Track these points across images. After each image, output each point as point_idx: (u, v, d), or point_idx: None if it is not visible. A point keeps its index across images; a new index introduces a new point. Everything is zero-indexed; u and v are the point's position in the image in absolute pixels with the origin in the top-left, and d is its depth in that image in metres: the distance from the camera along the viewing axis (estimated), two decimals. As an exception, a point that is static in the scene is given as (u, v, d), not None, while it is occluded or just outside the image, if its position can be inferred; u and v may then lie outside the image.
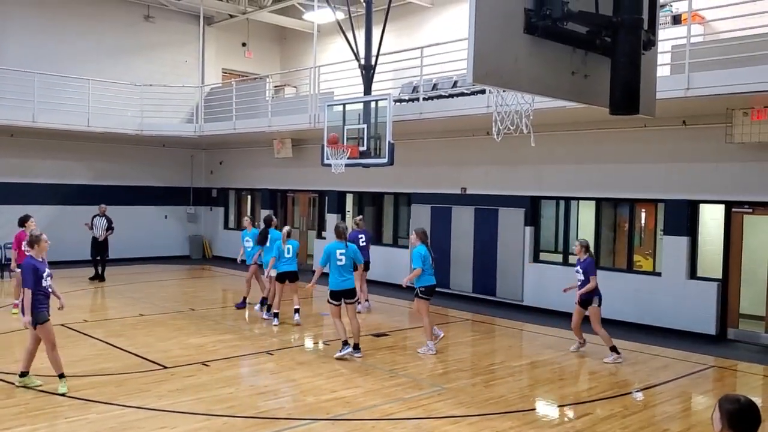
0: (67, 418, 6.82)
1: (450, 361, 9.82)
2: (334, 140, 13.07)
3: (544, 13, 4.16)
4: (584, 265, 9.84)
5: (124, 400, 7.44)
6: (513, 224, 13.99)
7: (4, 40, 18.29)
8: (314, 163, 16.24)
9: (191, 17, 21.44)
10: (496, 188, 14.37)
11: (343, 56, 16.45)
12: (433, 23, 18.11)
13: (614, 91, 4.36)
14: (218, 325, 11.77)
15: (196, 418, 6.96)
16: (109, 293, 15.01)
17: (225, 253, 21.89)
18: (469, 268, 14.67)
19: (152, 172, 21.39)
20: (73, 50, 19.28)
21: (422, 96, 13.81)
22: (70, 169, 19.68)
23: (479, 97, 12.40)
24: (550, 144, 12.96)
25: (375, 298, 14.71)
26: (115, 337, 10.54)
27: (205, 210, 22.84)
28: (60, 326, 11.14)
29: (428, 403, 7.62)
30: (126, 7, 20.42)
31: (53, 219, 19.12)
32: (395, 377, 8.63)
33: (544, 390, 8.55)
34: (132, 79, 19.73)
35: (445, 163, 15.41)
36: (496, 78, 3.91)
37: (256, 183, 21.01)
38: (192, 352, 9.71)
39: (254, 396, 7.72)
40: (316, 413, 7.18)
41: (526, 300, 13.80)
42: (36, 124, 17.33)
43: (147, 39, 20.93)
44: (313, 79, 16.12)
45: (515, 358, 10.33)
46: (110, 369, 8.73)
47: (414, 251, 9.97)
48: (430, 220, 15.53)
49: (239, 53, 22.85)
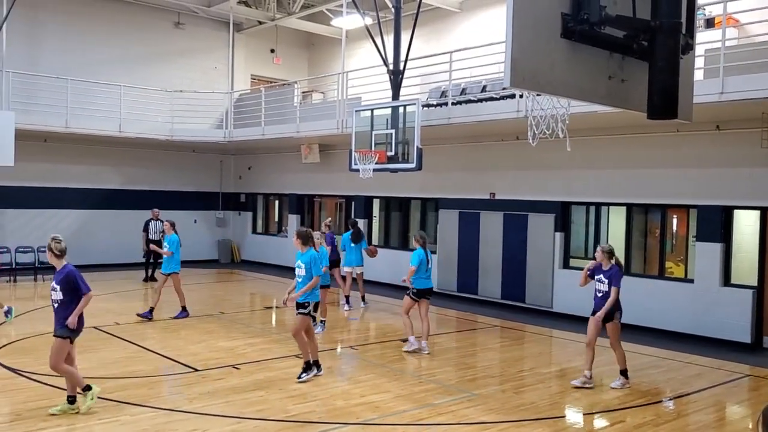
0: (100, 420, 6.91)
1: (479, 368, 9.78)
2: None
3: (582, 18, 4.12)
4: (609, 274, 8.73)
5: (156, 402, 7.52)
6: (543, 230, 13.89)
7: (39, 47, 18.65)
8: (341, 168, 16.31)
9: (221, 24, 21.69)
10: (525, 193, 14.28)
11: (371, 61, 16.52)
12: (462, 28, 18.09)
13: (652, 96, 4.31)
14: (248, 329, 11.85)
15: (227, 420, 7.01)
16: (139, 297, 15.19)
17: (253, 257, 22.07)
18: (498, 274, 14.59)
19: (182, 177, 21.65)
20: (105, 57, 19.60)
21: (451, 101, 13.78)
22: (101, 173, 19.99)
23: (509, 102, 12.35)
24: (581, 149, 12.85)
25: (402, 304, 14.68)
26: (147, 339, 10.67)
27: (234, 214, 23.03)
28: (92, 329, 11.33)
29: (458, 409, 7.59)
30: (157, 15, 20.72)
31: (84, 223, 19.48)
32: (424, 383, 8.61)
33: (574, 397, 8.46)
34: (163, 85, 20.00)
35: (473, 168, 15.36)
36: (533, 83, 3.89)
37: (283, 188, 21.14)
38: (222, 355, 9.79)
39: (284, 399, 7.75)
40: (346, 418, 7.19)
41: (556, 306, 13.68)
42: (69, 130, 17.65)
43: (177, 46, 21.21)
44: (340, 84, 16.19)
45: (545, 365, 10.25)
46: (142, 372, 8.83)
47: (413, 253, 10.38)
48: (458, 225, 15.48)
49: (268, 59, 23.05)
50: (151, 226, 17.40)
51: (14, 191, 18.23)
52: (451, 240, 15.64)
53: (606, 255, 8.74)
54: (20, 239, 18.04)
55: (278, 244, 21.10)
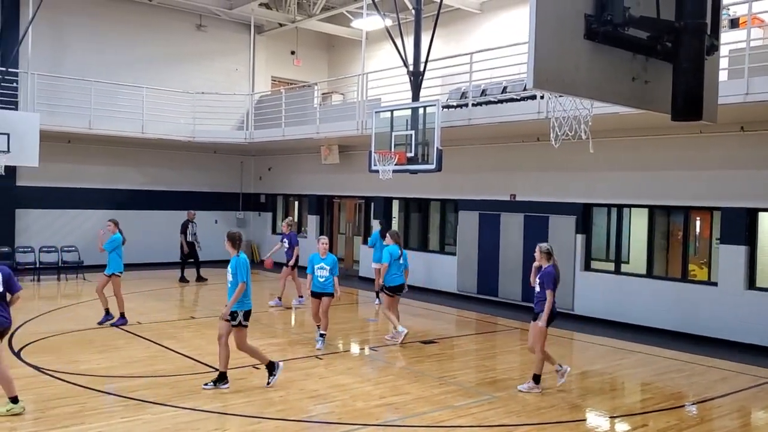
0: (123, 418, 6.97)
1: (499, 370, 9.74)
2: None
3: (605, 19, 4.09)
4: (541, 275, 8.27)
5: (177, 401, 7.57)
6: (564, 232, 13.80)
7: (63, 50, 18.90)
8: (361, 169, 16.34)
9: (242, 26, 21.83)
10: (546, 195, 14.20)
11: (391, 63, 16.52)
12: (482, 29, 18.04)
13: (676, 97, 4.25)
14: (268, 329, 11.91)
15: (247, 420, 7.05)
16: (160, 296, 15.32)
17: (273, 257, 22.13)
18: (518, 276, 14.51)
19: (203, 178, 21.82)
20: (128, 59, 19.82)
21: (471, 102, 13.75)
22: (124, 174, 20.21)
23: (529, 103, 12.29)
24: (603, 150, 12.74)
25: (422, 305, 14.71)
26: (168, 339, 10.76)
27: (254, 215, 23.16)
28: (115, 328, 11.47)
29: (479, 412, 7.56)
30: (179, 17, 20.91)
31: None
32: (444, 384, 8.59)
33: (595, 400, 8.40)
34: (185, 86, 20.18)
35: (493, 170, 15.31)
36: (556, 84, 3.86)
37: (303, 189, 21.22)
38: (243, 355, 9.78)
39: (305, 400, 7.78)
40: (366, 419, 7.19)
41: (577, 309, 13.58)
42: (92, 131, 17.86)
43: (199, 48, 21.38)
44: (360, 85, 16.22)
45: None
46: (164, 371, 8.91)
47: (385, 250, 11.13)
48: (478, 226, 15.43)
49: (288, 61, 23.16)
50: (189, 227, 17.65)
51: (38, 191, 18.48)
52: (471, 241, 15.59)
53: (544, 255, 8.35)
54: (44, 239, 18.29)
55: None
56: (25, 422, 6.89)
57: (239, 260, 8.22)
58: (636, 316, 12.63)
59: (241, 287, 8.07)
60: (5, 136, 14.42)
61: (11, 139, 14.50)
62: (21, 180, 18.15)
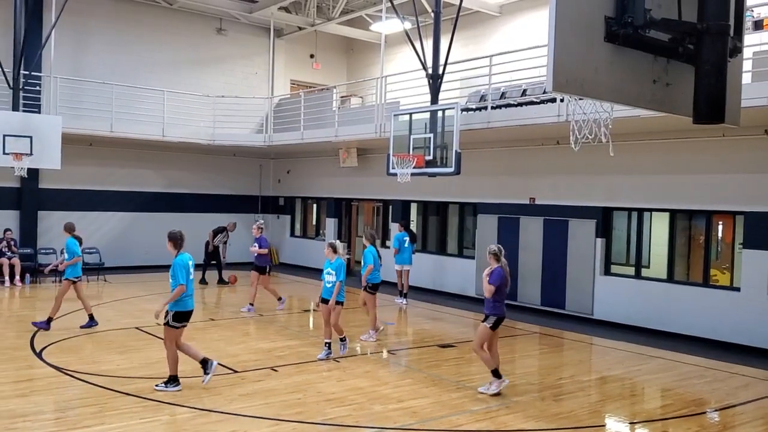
0: (141, 419, 7.02)
1: (518, 375, 9.66)
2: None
3: (626, 21, 4.06)
4: (490, 274, 8.33)
5: (196, 402, 7.61)
6: (583, 236, 13.69)
7: (84, 53, 19.13)
8: (379, 173, 16.34)
9: (262, 30, 21.95)
10: (566, 199, 14.10)
11: (410, 66, 16.52)
12: (502, 32, 17.98)
13: (698, 100, 4.21)
14: (286, 331, 11.94)
15: (265, 422, 7.07)
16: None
17: (291, 260, 22.25)
18: (538, 280, 14.43)
19: (223, 181, 21.95)
20: (149, 62, 20.02)
21: (490, 105, 13.70)
22: (145, 177, 20.39)
23: (549, 106, 12.22)
24: (624, 153, 12.62)
25: (440, 309, 14.68)
26: (188, 340, 10.73)
27: (273, 218, 23.26)
28: (134, 329, 11.57)
29: (497, 416, 7.52)
30: (199, 21, 21.08)
31: (128, 225, 19.88)
32: (462, 389, 8.55)
33: (615, 406, 8.31)
34: (205, 90, 20.33)
35: (512, 173, 15.23)
36: (576, 87, 3.84)
37: (321, 192, 21.27)
38: (261, 357, 9.88)
39: (322, 402, 7.78)
40: (383, 422, 7.18)
41: (597, 313, 13.46)
42: (113, 134, 18.04)
43: (219, 51, 21.53)
44: (379, 88, 16.23)
45: (585, 372, 10.10)
46: (183, 372, 8.91)
47: (365, 251, 11.32)
48: (497, 230, 15.36)
49: (307, 65, 23.25)
50: (221, 235, 18.09)
51: (60, 194, 18.71)
52: (490, 245, 15.49)
53: (492, 256, 8.45)
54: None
55: (316, 248, 21.21)
56: (47, 422, 6.97)
57: (177, 261, 8.10)
58: (656, 321, 12.49)
59: (179, 289, 7.94)
60: (28, 138, 14.61)
61: (34, 141, 14.68)
62: (44, 182, 18.38)
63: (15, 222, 17.94)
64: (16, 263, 16.39)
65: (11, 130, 14.48)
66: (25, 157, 14.60)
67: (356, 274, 19.67)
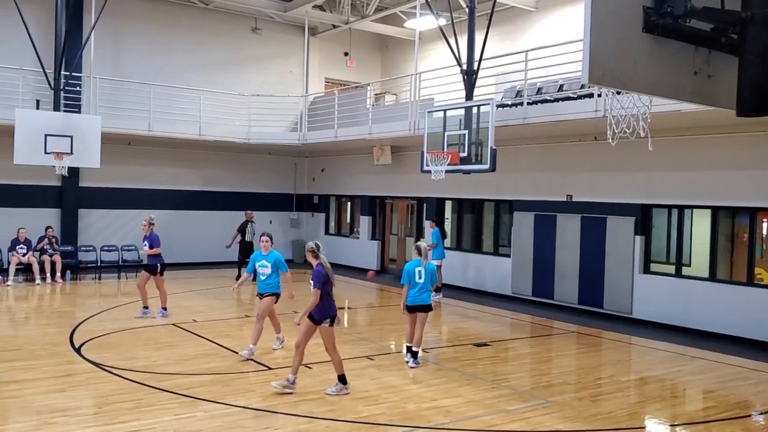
0: (176, 415, 7.08)
1: (554, 374, 9.52)
2: None
3: (665, 11, 3.92)
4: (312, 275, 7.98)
5: (230, 399, 7.65)
6: (622, 233, 13.42)
7: (123, 54, 19.44)
8: (413, 170, 16.26)
9: (296, 28, 22.05)
10: (604, 195, 13.84)
11: (444, 62, 16.40)
12: (538, 27, 17.73)
13: (742, 92, 4.05)
14: (319, 329, 11.92)
15: (298, 420, 7.07)
16: (215, 295, 15.57)
17: (326, 257, 22.24)
18: (575, 279, 14.19)
19: (258, 179, 22.12)
20: (186, 62, 20.26)
21: (526, 100, 13.51)
22: (182, 175, 20.65)
23: (587, 101, 12.00)
24: (664, 149, 12.33)
25: (476, 307, 14.55)
26: (222, 337, 10.91)
27: (307, 216, 23.35)
28: (171, 325, 11.71)
29: (532, 416, 7.40)
30: (235, 20, 21.25)
31: (166, 223, 20.12)
32: (497, 388, 8.44)
33: (655, 407, 8.11)
34: (240, 89, 20.50)
35: (549, 170, 15.01)
36: (613, 79, 3.72)
37: (355, 190, 21.28)
38: (292, 355, 9.87)
39: (355, 400, 7.75)
40: (416, 421, 7.12)
41: (636, 313, 13.19)
42: (151, 133, 18.31)
43: (254, 50, 21.69)
44: (413, 85, 16.15)
45: (624, 372, 9.88)
46: (217, 368, 9.02)
47: None
48: (533, 228, 15.17)
49: (341, 62, 23.27)
50: (248, 228, 17.87)
51: (100, 192, 19.06)
52: (526, 243, 15.33)
53: (310, 254, 8.23)
54: (105, 238, 18.85)
55: (350, 245, 21.26)
56: (85, 416, 7.08)
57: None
58: (698, 321, 12.18)
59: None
60: (69, 138, 14.89)
61: (74, 141, 14.96)
62: (84, 181, 18.74)
63: (56, 220, 18.33)
64: (57, 260, 16.74)
65: (52, 130, 14.77)
66: (65, 156, 14.88)
67: (392, 272, 19.67)
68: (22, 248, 16.36)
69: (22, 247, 16.38)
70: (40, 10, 16.92)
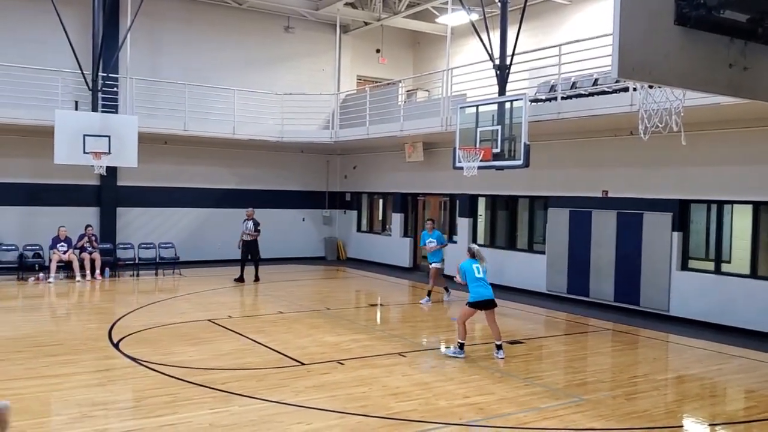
0: (211, 410, 7.18)
1: (589, 372, 9.42)
2: None
3: (698, 2, 3.85)
4: None
5: (264, 394, 7.74)
6: (659, 229, 13.19)
7: (158, 54, 19.75)
8: (445, 167, 16.19)
9: (328, 26, 22.14)
10: (640, 191, 13.62)
11: (476, 58, 16.31)
12: (572, 21, 17.52)
13: (780, 84, 3.96)
14: (353, 325, 12.01)
15: (331, 415, 7.11)
16: (250, 291, 15.76)
17: (358, 255, 22.38)
18: (611, 276, 14.00)
19: (291, 177, 22.29)
20: (219, 62, 20.49)
21: (560, 95, 13.36)
22: (216, 174, 20.91)
23: (622, 95, 11.82)
24: (702, 143, 12.12)
25: (510, 305, 14.44)
26: (257, 333, 11.03)
27: (340, 213, 23.45)
28: (207, 321, 11.88)
29: (565, 414, 7.33)
30: (267, 20, 21.43)
31: (202, 221, 20.45)
32: (530, 386, 8.38)
33: (693, 407, 7.97)
34: (273, 88, 20.68)
35: (584, 165, 14.82)
36: (644, 73, 3.66)
37: (387, 187, 21.29)
38: (327, 350, 9.97)
39: (387, 397, 7.77)
40: (448, 418, 7.11)
41: (673, 310, 12.96)
42: (187, 132, 18.58)
43: (287, 49, 21.84)
44: (445, 81, 16.09)
45: (660, 371, 9.72)
46: (252, 364, 9.13)
47: None
48: (568, 224, 15.00)
49: (373, 60, 23.30)
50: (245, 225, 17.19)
51: (137, 191, 19.41)
52: (560, 240, 15.17)
53: None
54: (143, 236, 19.19)
55: (382, 243, 21.30)
56: (123, 410, 7.24)
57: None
58: (738, 319, 11.91)
59: None
60: (107, 138, 15.19)
61: (112, 141, 15.25)
62: (121, 180, 19.11)
63: (95, 218, 18.73)
64: (97, 258, 17.10)
65: (91, 130, 15.08)
66: (103, 155, 15.18)
67: (423, 269, 19.64)
68: (62, 246, 16.75)
69: (63, 245, 16.76)
70: (78, 13, 17.29)
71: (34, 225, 17.83)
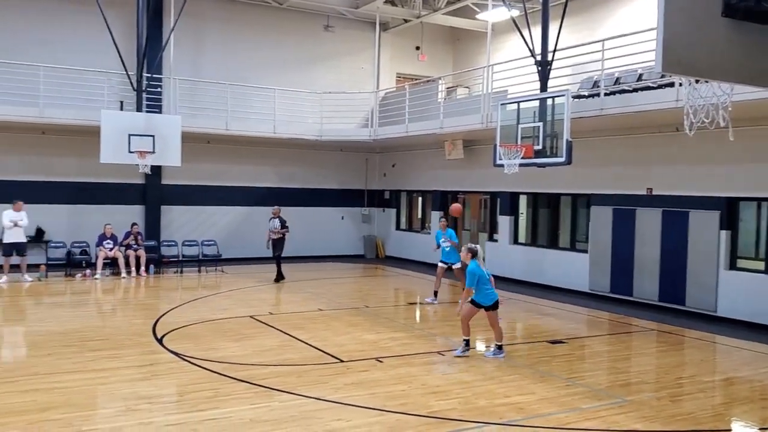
0: (252, 405, 7.26)
1: (632, 373, 9.24)
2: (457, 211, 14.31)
3: (747, -8, 3.73)
4: None
5: (303, 390, 7.79)
6: (706, 228, 12.87)
7: (201, 55, 20.05)
8: (486, 164, 16.07)
9: (368, 24, 22.18)
10: (686, 188, 13.30)
11: (517, 54, 16.12)
12: (616, 16, 17.18)
13: (834, 76, 3.81)
14: (391, 323, 12.01)
15: (370, 412, 7.12)
16: (290, 288, 15.89)
17: (397, 253, 22.38)
18: (656, 275, 13.71)
19: (330, 176, 22.41)
20: (260, 61, 20.72)
21: (603, 91, 13.13)
22: (258, 173, 21.15)
23: (667, 91, 11.55)
24: (752, 139, 11.76)
25: (552, 304, 14.29)
26: (297, 329, 11.12)
27: (378, 211, 23.48)
28: (249, 318, 12.03)
29: (608, 415, 7.20)
30: (307, 19, 21.57)
31: (244, 219, 20.70)
32: (572, 386, 8.26)
33: (741, 410, 7.75)
34: (313, 87, 20.81)
35: (628, 162, 14.54)
36: (689, 67, 3.56)
37: (427, 185, 21.23)
38: (366, 348, 9.99)
39: (426, 395, 7.75)
40: (488, 417, 7.06)
41: (721, 310, 12.63)
42: (229, 132, 18.85)
43: (327, 48, 21.95)
44: (486, 78, 15.96)
45: (707, 372, 9.47)
46: (292, 360, 9.21)
47: None
48: (611, 222, 14.74)
49: (413, 57, 23.26)
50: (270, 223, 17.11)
51: (181, 189, 19.76)
52: (604, 238, 14.91)
53: None
54: (186, 234, 19.54)
55: (421, 241, 21.24)
56: (167, 405, 7.37)
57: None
58: (789, 320, 11.56)
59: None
60: (151, 137, 15.48)
61: (156, 140, 15.54)
62: (165, 178, 19.47)
63: (140, 216, 19.13)
64: (142, 255, 17.46)
65: (136, 130, 15.39)
66: (148, 155, 15.48)
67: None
68: (108, 243, 17.13)
69: (109, 242, 17.15)
70: (122, 15, 17.65)
71: (82, 223, 18.28)
